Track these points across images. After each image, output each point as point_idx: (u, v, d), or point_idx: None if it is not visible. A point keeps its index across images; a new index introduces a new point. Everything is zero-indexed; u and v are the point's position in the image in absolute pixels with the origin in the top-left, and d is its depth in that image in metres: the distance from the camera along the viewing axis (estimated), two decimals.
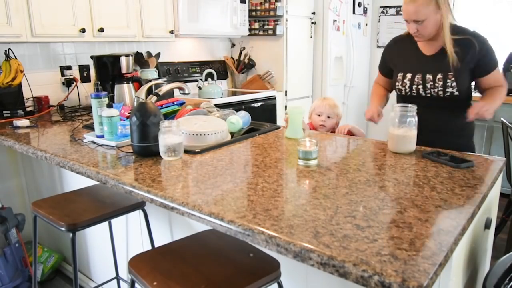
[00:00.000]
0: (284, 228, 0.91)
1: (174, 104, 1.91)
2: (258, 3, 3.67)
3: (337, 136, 1.89)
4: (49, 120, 2.26)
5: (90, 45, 2.81)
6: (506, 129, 2.68)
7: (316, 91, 4.15)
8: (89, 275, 2.39)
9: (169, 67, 3.31)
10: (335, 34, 4.03)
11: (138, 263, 1.21)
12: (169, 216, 1.75)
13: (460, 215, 0.97)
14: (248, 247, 1.27)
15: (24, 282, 2.25)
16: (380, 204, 1.04)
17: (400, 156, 1.48)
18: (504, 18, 4.01)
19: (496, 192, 1.37)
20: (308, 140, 1.38)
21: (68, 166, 1.47)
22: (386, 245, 0.82)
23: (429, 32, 1.79)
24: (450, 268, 0.90)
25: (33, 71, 2.52)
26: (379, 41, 4.73)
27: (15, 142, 1.78)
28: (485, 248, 1.37)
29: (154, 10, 2.81)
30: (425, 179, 1.22)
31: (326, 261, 0.80)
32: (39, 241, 2.43)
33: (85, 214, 1.58)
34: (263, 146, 1.64)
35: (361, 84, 4.67)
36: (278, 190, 1.15)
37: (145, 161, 1.44)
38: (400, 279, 0.71)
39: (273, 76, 3.76)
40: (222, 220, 0.98)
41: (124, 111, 1.77)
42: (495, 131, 3.64)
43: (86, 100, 2.76)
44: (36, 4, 2.19)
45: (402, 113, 1.49)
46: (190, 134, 1.61)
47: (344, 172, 1.30)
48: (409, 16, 1.79)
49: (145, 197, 1.17)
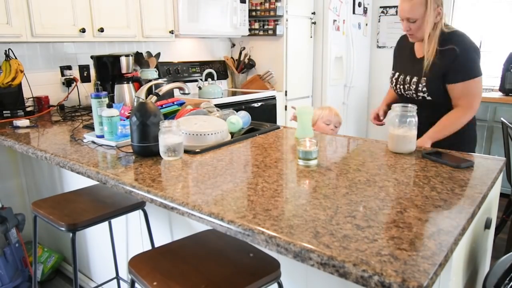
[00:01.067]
0: (284, 228, 0.91)
1: (174, 104, 1.91)
2: (258, 3, 3.67)
3: (337, 136, 1.89)
4: (49, 120, 2.26)
5: (90, 45, 2.81)
6: (506, 129, 2.68)
7: (316, 91, 4.15)
8: (89, 275, 2.39)
9: (169, 67, 3.31)
10: (335, 34, 4.03)
11: (138, 263, 1.21)
12: (169, 216, 1.75)
13: (460, 215, 0.97)
14: (248, 247, 1.27)
15: (24, 282, 2.25)
16: (380, 204, 1.04)
17: (400, 156, 1.48)
18: (504, 18, 4.01)
19: (496, 192, 1.37)
20: (308, 140, 1.38)
21: (68, 166, 1.47)
22: (386, 245, 0.82)
23: (421, 33, 1.78)
24: (450, 268, 0.90)
25: (33, 71, 2.52)
26: (379, 41, 4.73)
27: (15, 142, 1.78)
28: (485, 248, 1.37)
29: (154, 10, 2.81)
30: (425, 179, 1.22)
31: (326, 261, 0.80)
32: (39, 241, 2.43)
33: (85, 214, 1.58)
34: (263, 146, 1.64)
35: (361, 84, 4.67)
36: (278, 190, 1.15)
37: (145, 161, 1.44)
38: (400, 279, 0.71)
39: (273, 76, 3.76)
40: (222, 220, 0.98)
41: (124, 111, 1.77)
42: (495, 131, 3.64)
43: (86, 100, 2.76)
44: (36, 4, 2.19)
45: (402, 113, 1.49)
46: (190, 134, 1.61)
47: (344, 172, 1.30)
48: (403, 14, 1.80)
49: (145, 197, 1.17)
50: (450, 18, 4.23)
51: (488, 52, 4.03)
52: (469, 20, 4.17)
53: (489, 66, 3.94)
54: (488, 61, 3.96)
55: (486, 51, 3.97)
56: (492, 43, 4.04)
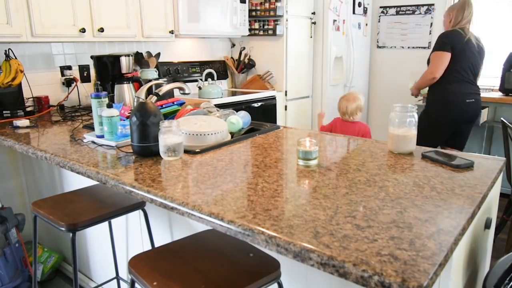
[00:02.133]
0: (284, 228, 0.91)
1: (174, 104, 1.91)
2: (258, 3, 3.67)
3: (336, 136, 1.89)
4: (49, 120, 2.26)
5: (90, 45, 2.81)
6: (506, 129, 2.67)
7: (316, 91, 4.15)
8: (89, 275, 2.39)
9: (169, 67, 3.32)
10: (335, 34, 4.03)
11: (138, 263, 1.21)
12: (169, 216, 1.75)
13: (460, 215, 0.97)
14: (248, 247, 1.27)
15: (24, 282, 2.25)
16: (380, 204, 1.04)
17: (400, 156, 1.48)
18: (504, 18, 4.01)
19: (496, 192, 1.37)
20: (308, 140, 1.38)
21: (68, 166, 1.47)
22: (386, 245, 0.82)
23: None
24: (450, 268, 0.90)
25: (33, 71, 2.52)
26: (379, 41, 4.74)
27: (15, 142, 1.78)
28: (485, 248, 1.37)
29: (154, 10, 2.81)
30: (425, 179, 1.22)
31: (326, 261, 0.80)
32: (39, 241, 2.44)
33: (85, 214, 1.58)
34: (263, 146, 1.64)
35: (361, 84, 4.67)
36: (278, 190, 1.15)
37: (145, 161, 1.44)
38: (400, 279, 0.71)
39: (273, 76, 3.76)
40: (222, 220, 0.98)
41: (124, 111, 1.78)
42: (495, 131, 3.64)
43: (86, 100, 2.76)
44: (36, 4, 2.19)
45: (402, 113, 1.48)
46: (190, 134, 1.61)
47: (344, 172, 1.30)
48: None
49: (145, 197, 1.17)
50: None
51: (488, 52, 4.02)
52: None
53: (489, 66, 3.93)
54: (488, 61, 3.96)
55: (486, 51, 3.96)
56: (492, 43, 4.03)
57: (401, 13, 4.56)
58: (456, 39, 2.83)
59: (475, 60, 2.88)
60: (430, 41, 4.39)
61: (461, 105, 2.88)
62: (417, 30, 4.48)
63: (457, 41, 2.82)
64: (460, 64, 2.84)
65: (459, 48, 2.82)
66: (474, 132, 3.73)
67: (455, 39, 2.83)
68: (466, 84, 2.88)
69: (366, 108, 4.91)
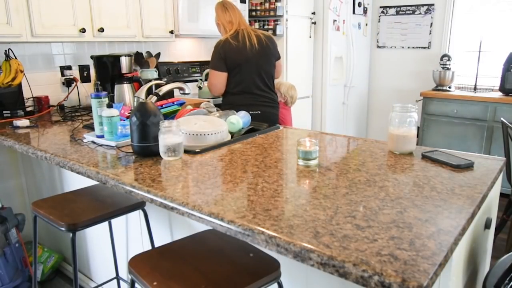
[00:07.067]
0: (284, 228, 0.91)
1: (174, 104, 1.91)
2: (258, 3, 3.67)
3: (337, 136, 1.89)
4: (49, 120, 2.26)
5: (90, 45, 2.81)
6: (506, 129, 2.67)
7: (316, 91, 4.15)
8: (89, 275, 2.39)
9: (169, 67, 3.31)
10: (335, 34, 4.03)
11: (138, 263, 1.21)
12: (169, 216, 1.75)
13: (460, 215, 0.97)
14: (248, 247, 1.27)
15: (24, 282, 2.25)
16: (380, 204, 1.04)
17: (400, 156, 1.48)
18: (504, 18, 4.01)
19: (496, 192, 1.37)
20: (308, 140, 1.38)
21: (68, 166, 1.47)
22: (386, 245, 0.82)
23: None
24: (450, 268, 0.90)
25: (33, 71, 2.52)
26: (379, 41, 4.74)
27: (15, 142, 1.78)
28: (485, 248, 1.37)
29: (154, 10, 2.81)
30: (425, 179, 1.22)
31: (326, 261, 0.80)
32: (39, 241, 2.44)
33: (85, 214, 1.58)
34: (263, 146, 1.64)
35: (361, 84, 4.68)
36: (278, 190, 1.15)
37: (145, 161, 1.44)
38: (400, 279, 0.71)
39: None
40: (222, 220, 0.98)
41: (124, 111, 1.78)
42: (495, 131, 3.64)
43: (86, 100, 2.76)
44: (36, 4, 2.19)
45: (402, 113, 1.48)
46: (190, 134, 1.61)
47: (344, 172, 1.30)
48: None
49: (145, 197, 1.17)
50: (450, 18, 4.24)
51: (488, 52, 4.03)
52: (469, 20, 4.17)
53: (489, 66, 3.94)
54: (488, 61, 3.97)
55: (486, 51, 3.98)
56: (492, 43, 4.04)
57: (401, 13, 4.56)
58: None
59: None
60: (430, 41, 4.39)
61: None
62: (417, 30, 4.48)
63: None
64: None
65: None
66: (474, 132, 3.73)
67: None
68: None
69: (366, 108, 4.92)
